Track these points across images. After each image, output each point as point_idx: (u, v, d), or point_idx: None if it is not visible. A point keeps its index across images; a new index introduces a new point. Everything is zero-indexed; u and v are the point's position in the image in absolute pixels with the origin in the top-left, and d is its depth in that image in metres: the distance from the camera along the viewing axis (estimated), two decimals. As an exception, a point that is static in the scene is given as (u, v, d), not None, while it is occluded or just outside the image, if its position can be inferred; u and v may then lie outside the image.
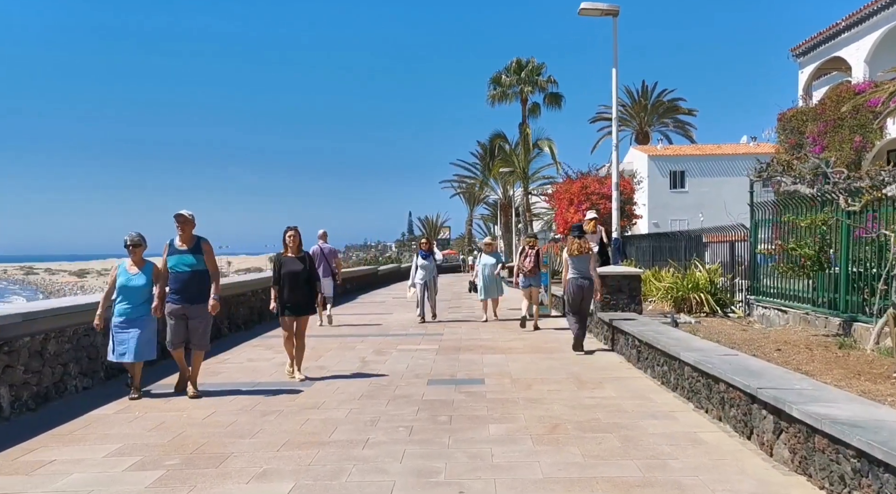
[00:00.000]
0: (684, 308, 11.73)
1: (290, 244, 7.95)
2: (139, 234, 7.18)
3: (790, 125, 22.87)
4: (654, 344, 7.46)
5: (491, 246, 14.53)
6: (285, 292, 7.87)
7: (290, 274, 7.85)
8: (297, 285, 7.87)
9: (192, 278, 6.97)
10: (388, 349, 10.20)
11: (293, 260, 7.95)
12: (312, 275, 8.04)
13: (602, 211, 20.45)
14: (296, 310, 7.93)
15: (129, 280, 6.96)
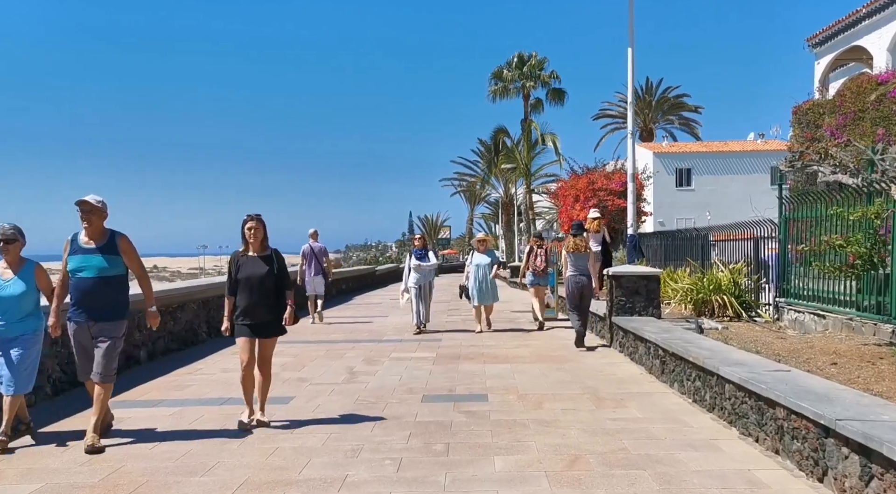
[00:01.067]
0: (705, 312, 10.73)
1: (250, 240, 5.79)
2: (13, 226, 5.32)
3: (806, 119, 21.82)
4: (685, 356, 6.45)
5: (484, 243, 12.52)
6: (243, 303, 5.76)
7: (251, 279, 5.72)
8: (260, 294, 5.72)
9: (100, 285, 5.21)
10: (380, 358, 9.20)
11: (255, 261, 5.78)
12: (283, 281, 5.86)
13: (610, 208, 19.47)
14: (259, 329, 5.80)
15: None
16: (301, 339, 11.34)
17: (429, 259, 11.79)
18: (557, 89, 38.67)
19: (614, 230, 19.91)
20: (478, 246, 12.43)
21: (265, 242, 5.90)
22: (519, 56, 38.90)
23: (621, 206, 19.55)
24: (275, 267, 5.83)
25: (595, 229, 13.31)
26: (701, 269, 12.32)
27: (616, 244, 19.45)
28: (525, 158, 34.44)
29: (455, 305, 17.57)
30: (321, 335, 11.94)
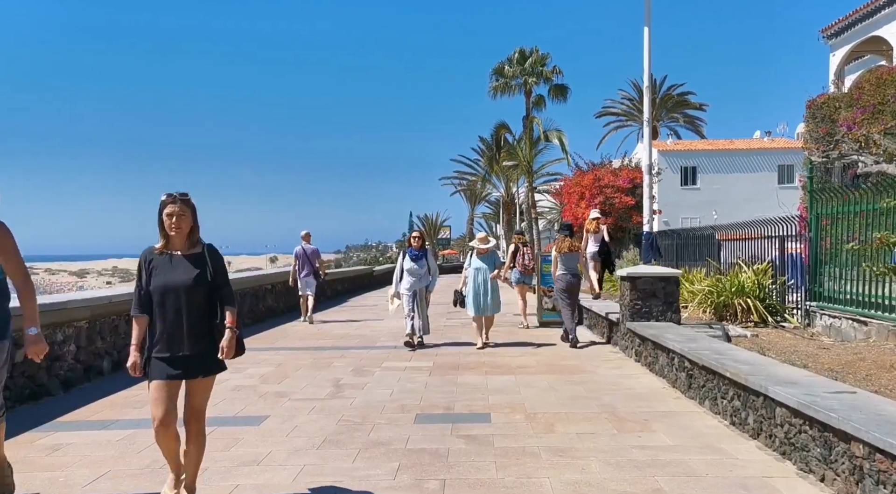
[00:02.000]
0: (727, 316, 9.84)
1: (171, 231, 3.78)
2: None
3: (821, 113, 20.90)
4: (719, 370, 5.56)
5: (486, 244, 10.26)
6: (161, 327, 3.76)
7: (172, 290, 3.75)
8: (186, 312, 3.74)
9: None
10: (370, 368, 8.31)
11: (178, 263, 3.82)
12: (221, 293, 3.87)
13: (617, 205, 18.63)
14: (183, 366, 3.78)
15: None
16: (288, 345, 10.49)
17: (425, 264, 9.77)
18: (560, 85, 37.63)
19: (621, 229, 19.06)
20: (479, 248, 10.17)
21: (194, 234, 3.88)
22: (520, 51, 37.90)
23: (628, 203, 18.70)
24: (208, 272, 3.83)
25: (594, 230, 13.46)
26: (718, 269, 11.44)
27: (625, 244, 18.59)
28: (527, 156, 33.50)
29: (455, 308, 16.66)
30: (310, 340, 11.06)
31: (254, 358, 9.18)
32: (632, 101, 48.31)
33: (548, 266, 12.86)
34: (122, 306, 8.24)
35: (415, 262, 9.77)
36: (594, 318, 11.34)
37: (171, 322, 3.74)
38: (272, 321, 14.05)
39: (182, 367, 3.78)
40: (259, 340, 11.08)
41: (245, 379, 7.66)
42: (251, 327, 12.80)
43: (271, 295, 14.95)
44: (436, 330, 12.09)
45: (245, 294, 13.10)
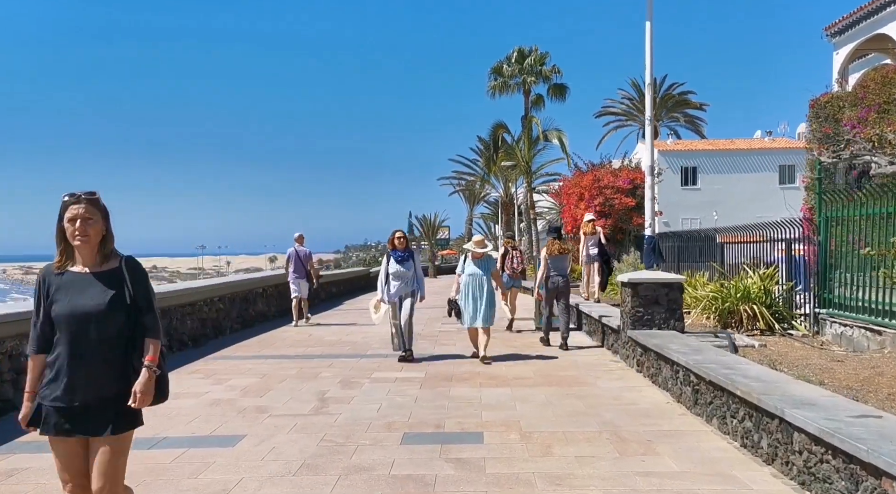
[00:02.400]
0: (731, 323, 9.45)
1: (77, 240, 2.93)
2: None
3: (824, 112, 20.52)
4: (729, 388, 5.16)
5: (483, 248, 9.28)
6: (61, 365, 2.91)
7: (78, 319, 2.91)
8: (95, 347, 2.91)
9: None
10: (359, 379, 7.91)
11: (88, 283, 2.96)
12: (146, 324, 3.02)
13: (617, 207, 18.25)
14: (84, 418, 2.91)
15: None
16: (276, 353, 10.09)
17: (411, 266, 9.05)
18: (559, 85, 37.25)
19: (621, 231, 18.68)
20: (475, 252, 9.16)
21: (107, 245, 3.03)
22: (519, 51, 37.52)
23: (629, 205, 18.33)
24: (127, 293, 2.98)
25: (590, 232, 13.35)
26: (723, 273, 11.06)
27: (625, 246, 18.20)
28: (525, 156, 33.11)
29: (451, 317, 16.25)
30: (299, 347, 10.65)
31: (238, 368, 8.81)
32: (632, 100, 47.93)
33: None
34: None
35: (400, 264, 9.00)
36: (593, 324, 10.95)
37: (73, 360, 2.87)
38: (263, 325, 13.66)
39: (81, 421, 2.88)
40: (246, 347, 10.68)
41: (225, 392, 7.26)
42: (240, 332, 12.41)
43: (262, 299, 14.56)
44: (430, 336, 11.71)
45: (234, 299, 12.71)
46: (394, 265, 9.05)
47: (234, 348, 10.65)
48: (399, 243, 9.15)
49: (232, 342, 11.19)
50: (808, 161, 21.58)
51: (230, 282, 13.04)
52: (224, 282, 12.92)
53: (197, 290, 10.90)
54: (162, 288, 10.48)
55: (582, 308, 11.92)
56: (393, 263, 9.07)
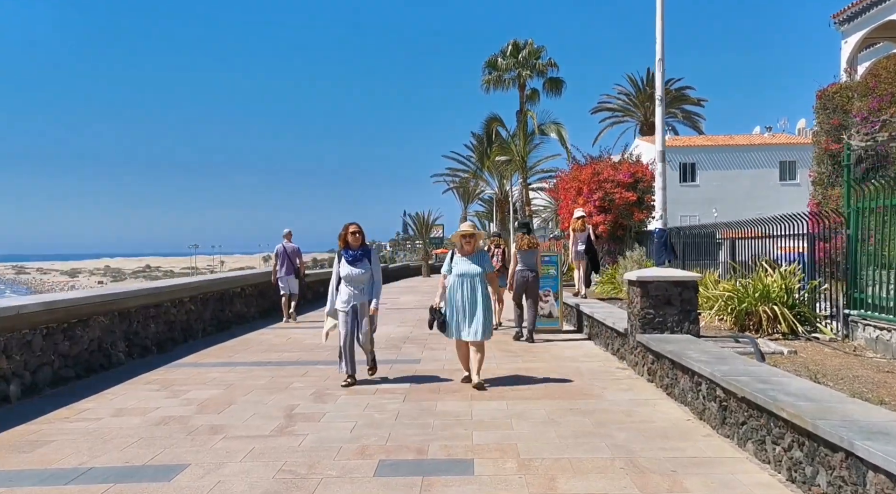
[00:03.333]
0: (749, 326, 8.56)
1: None
2: None
3: (832, 103, 19.70)
4: (771, 409, 4.27)
5: (472, 240, 7.37)
6: None
7: None
8: None
9: None
10: (335, 390, 6.99)
11: None
12: None
13: (617, 201, 17.33)
14: None
15: None
16: (248, 359, 9.16)
17: (368, 268, 7.24)
18: (555, 79, 36.44)
19: (622, 227, 17.78)
20: (462, 244, 7.30)
21: None
22: (514, 44, 36.67)
23: (630, 199, 17.42)
24: None
25: (580, 229, 13.41)
26: (740, 271, 10.17)
27: (626, 242, 17.32)
28: (521, 150, 32.21)
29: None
30: (273, 353, 9.71)
31: (202, 377, 7.88)
32: (628, 96, 47.04)
33: (544, 268, 11.60)
34: (36, 317, 6.91)
35: (353, 266, 7.19)
36: (597, 327, 10.06)
37: None
38: (241, 327, 12.72)
39: None
40: (215, 353, 9.74)
41: (179, 407, 6.33)
42: (213, 336, 11.47)
43: (241, 299, 13.61)
44: (419, 340, 10.79)
45: (208, 299, 11.77)
46: (346, 267, 7.22)
47: (204, 353, 9.72)
48: (353, 240, 7.27)
49: (202, 347, 10.26)
50: (816, 154, 20.75)
51: (203, 281, 12.08)
52: (196, 281, 11.95)
53: (162, 290, 9.94)
54: (121, 288, 9.53)
55: (583, 309, 11.04)
56: (345, 264, 7.23)
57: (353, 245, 7.27)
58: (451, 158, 47.28)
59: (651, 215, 18.54)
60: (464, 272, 7.17)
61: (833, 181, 20.37)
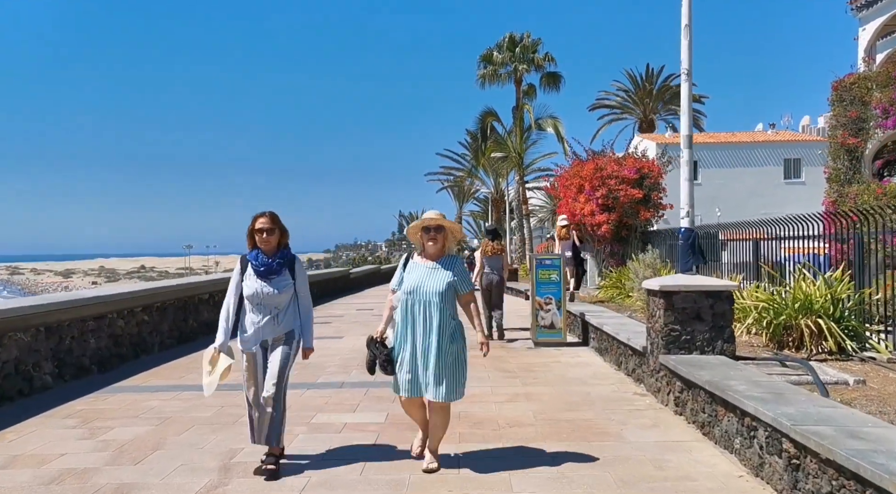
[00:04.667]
0: (788, 342, 7.30)
1: None
2: None
3: (849, 95, 18.52)
4: (888, 487, 2.98)
5: (437, 237, 4.59)
6: None
7: None
8: None
9: None
10: (293, 424, 5.67)
11: None
12: None
13: (622, 199, 16.06)
14: None
15: None
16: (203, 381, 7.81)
17: (288, 284, 4.66)
18: (553, 73, 35.19)
19: (626, 227, 16.51)
20: (423, 242, 4.65)
21: None
22: (510, 37, 35.42)
23: (635, 197, 16.16)
24: None
25: (564, 236, 13.92)
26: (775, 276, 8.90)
27: (631, 244, 16.06)
28: (517, 147, 30.91)
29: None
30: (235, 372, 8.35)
31: (137, 406, 6.57)
32: (627, 92, 45.88)
33: (545, 272, 10.34)
34: None
35: (265, 280, 4.57)
36: (607, 341, 8.78)
37: None
38: (208, 339, 11.24)
39: None
40: (166, 373, 8.42)
41: (90, 453, 5.01)
42: (173, 350, 10.15)
43: (209, 307, 12.27)
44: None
45: (166, 308, 10.43)
46: (253, 282, 4.58)
47: (152, 373, 8.40)
48: (264, 241, 4.59)
49: (154, 364, 8.95)
50: (831, 149, 19.59)
51: (160, 288, 10.69)
52: (150, 288, 10.57)
53: (105, 299, 8.59)
54: (48, 299, 8.18)
55: (590, 319, 9.76)
56: (251, 277, 4.59)
57: (266, 249, 4.60)
58: (445, 157, 46.06)
59: (660, 214, 17.30)
60: (417, 288, 4.41)
61: (850, 178, 19.25)
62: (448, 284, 4.49)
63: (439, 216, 4.62)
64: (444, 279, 4.49)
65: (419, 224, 4.61)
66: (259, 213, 4.70)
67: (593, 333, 9.66)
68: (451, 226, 4.65)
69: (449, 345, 4.43)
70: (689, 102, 7.47)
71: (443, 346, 4.42)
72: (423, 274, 4.53)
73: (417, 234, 4.65)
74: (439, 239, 4.58)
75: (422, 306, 4.45)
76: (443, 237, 4.60)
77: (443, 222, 4.61)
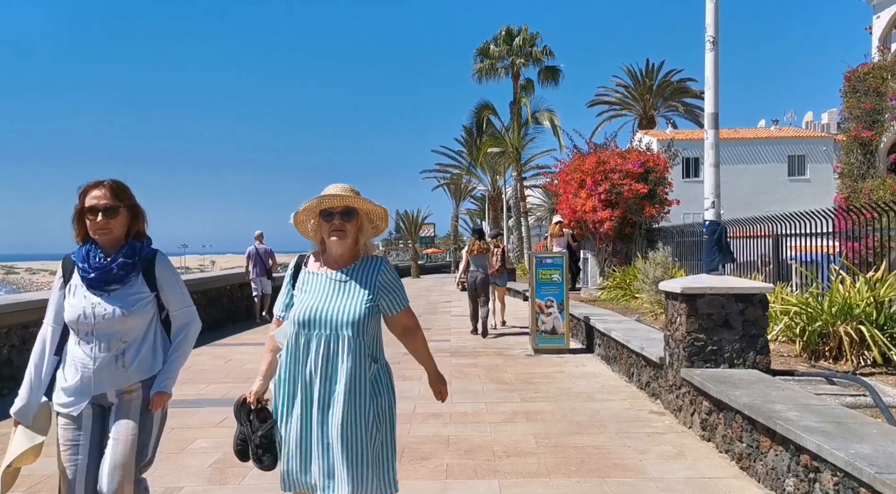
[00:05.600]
0: (824, 352, 6.40)
1: None
2: None
3: (863, 86, 17.64)
4: None
5: (343, 228, 2.70)
6: None
7: None
8: None
9: None
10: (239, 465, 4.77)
11: None
12: None
13: (626, 194, 15.16)
14: None
15: None
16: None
17: (139, 291, 2.80)
18: (551, 67, 34.25)
19: (630, 224, 15.62)
20: (326, 238, 2.75)
21: None
22: (507, 30, 34.49)
23: (640, 192, 15.26)
24: None
25: (557, 234, 14.50)
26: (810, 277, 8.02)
27: (637, 242, 15.17)
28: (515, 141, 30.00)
29: (424, 323, 13.14)
30: (196, 384, 7.44)
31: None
32: (626, 88, 44.95)
33: (546, 272, 9.45)
34: None
35: (98, 293, 2.76)
36: (615, 348, 7.88)
37: None
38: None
39: None
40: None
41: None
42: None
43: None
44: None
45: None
46: (79, 299, 2.77)
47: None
48: (100, 230, 2.78)
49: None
50: (844, 143, 18.72)
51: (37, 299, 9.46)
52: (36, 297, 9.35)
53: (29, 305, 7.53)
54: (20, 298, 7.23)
55: (595, 324, 8.86)
56: (78, 289, 2.79)
57: (105, 241, 2.81)
58: (441, 154, 45.17)
59: (666, 210, 16.41)
60: (315, 315, 2.66)
61: (864, 173, 18.38)
62: (367, 305, 2.66)
63: (348, 191, 2.74)
64: (361, 299, 2.66)
65: (313, 205, 2.72)
66: (91, 183, 2.80)
67: (599, 338, 8.76)
68: (370, 208, 2.78)
69: (367, 408, 2.63)
70: (716, 73, 6.59)
71: (356, 411, 2.60)
72: (325, 291, 2.69)
73: (312, 222, 2.79)
74: (349, 230, 2.70)
75: (322, 345, 2.62)
76: (354, 228, 2.73)
77: (354, 202, 2.72)
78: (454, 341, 10.59)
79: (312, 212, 2.75)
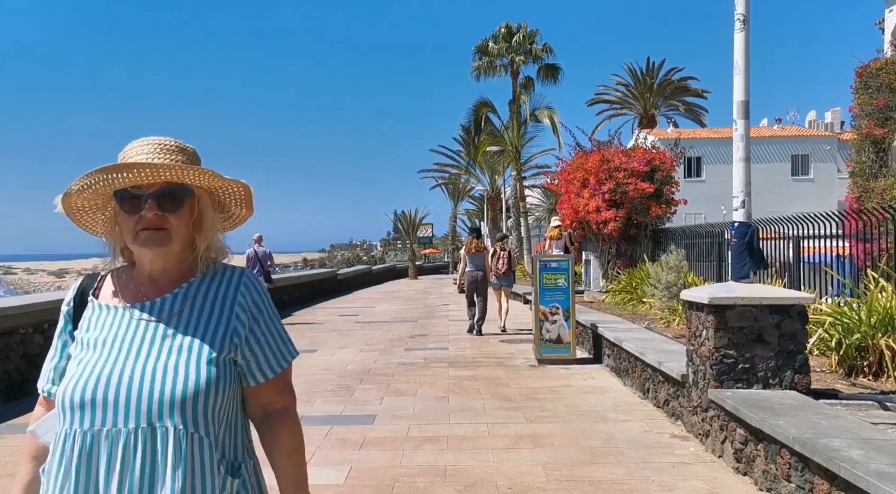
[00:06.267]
0: (861, 368, 5.77)
1: None
2: None
3: (875, 82, 17.01)
4: None
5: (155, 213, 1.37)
6: None
7: None
8: None
9: None
10: None
11: None
12: None
13: (631, 194, 14.54)
14: None
15: None
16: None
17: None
18: (551, 65, 33.59)
19: (635, 225, 14.99)
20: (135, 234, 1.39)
21: None
22: (507, 27, 33.84)
23: (645, 191, 14.63)
24: None
25: (556, 237, 14.10)
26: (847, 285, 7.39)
27: (642, 243, 14.55)
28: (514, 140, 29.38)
29: (421, 329, 12.47)
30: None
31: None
32: (627, 87, 44.31)
33: (551, 277, 8.82)
34: None
35: None
36: (627, 360, 7.23)
37: None
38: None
39: None
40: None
41: None
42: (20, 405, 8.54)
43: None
44: (382, 373, 7.86)
45: None
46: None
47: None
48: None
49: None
50: (855, 141, 18.10)
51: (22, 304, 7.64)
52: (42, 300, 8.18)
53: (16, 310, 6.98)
54: None
55: (604, 333, 8.22)
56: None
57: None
58: (439, 153, 44.48)
59: (672, 211, 15.78)
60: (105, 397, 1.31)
61: (876, 172, 17.76)
62: (213, 367, 1.37)
63: (168, 154, 1.45)
64: (200, 353, 1.38)
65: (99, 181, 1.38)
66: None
67: (608, 348, 8.11)
68: (217, 184, 1.50)
69: None
70: (746, 56, 5.91)
71: None
72: (129, 342, 1.39)
73: (105, 212, 1.51)
74: (175, 227, 1.42)
75: (121, 451, 1.30)
76: (186, 222, 1.45)
77: (183, 175, 1.41)
78: (452, 349, 9.95)
79: (100, 193, 1.43)
